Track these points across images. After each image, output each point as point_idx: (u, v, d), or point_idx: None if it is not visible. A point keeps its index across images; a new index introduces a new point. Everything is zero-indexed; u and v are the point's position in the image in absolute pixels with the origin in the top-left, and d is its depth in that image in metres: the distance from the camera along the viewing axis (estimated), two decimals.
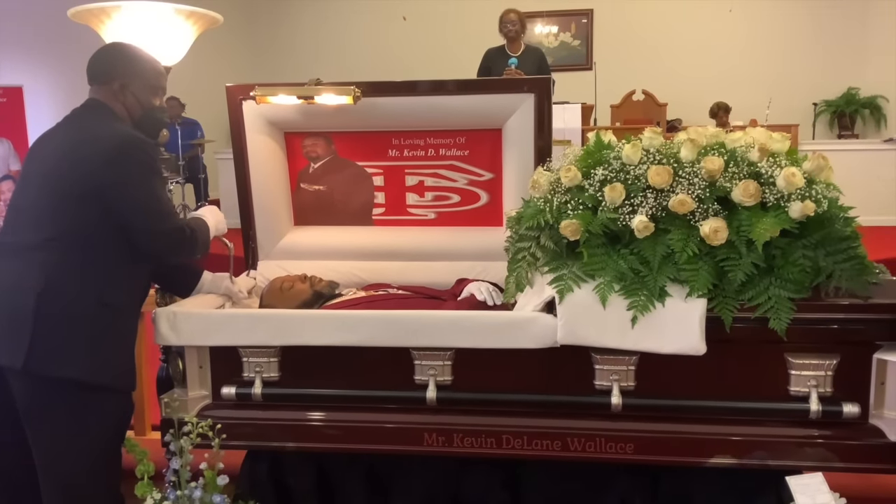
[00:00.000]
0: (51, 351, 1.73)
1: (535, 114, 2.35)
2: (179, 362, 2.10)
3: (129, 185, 1.81)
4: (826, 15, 8.36)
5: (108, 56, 1.99)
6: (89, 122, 1.89)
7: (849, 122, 8.25)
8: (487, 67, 5.43)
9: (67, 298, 1.76)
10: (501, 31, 5.42)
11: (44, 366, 1.73)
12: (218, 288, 2.24)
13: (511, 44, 5.42)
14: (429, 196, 2.63)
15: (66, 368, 1.75)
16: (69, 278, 1.77)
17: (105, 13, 2.68)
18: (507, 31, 5.38)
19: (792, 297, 1.77)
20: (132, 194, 1.82)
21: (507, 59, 5.19)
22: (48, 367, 1.73)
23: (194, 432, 1.87)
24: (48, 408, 1.76)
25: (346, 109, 2.38)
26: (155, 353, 2.29)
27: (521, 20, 5.40)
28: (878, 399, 1.87)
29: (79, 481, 1.80)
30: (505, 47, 5.46)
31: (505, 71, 5.04)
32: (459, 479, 2.14)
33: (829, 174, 1.86)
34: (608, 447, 1.92)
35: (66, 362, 1.75)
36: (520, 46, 5.42)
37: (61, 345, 1.74)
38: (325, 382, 2.05)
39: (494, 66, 5.30)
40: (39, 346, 1.72)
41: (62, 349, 1.74)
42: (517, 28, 5.36)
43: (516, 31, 5.37)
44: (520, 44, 5.42)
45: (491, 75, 5.20)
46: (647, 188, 1.84)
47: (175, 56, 2.80)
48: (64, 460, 1.79)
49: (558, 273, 1.89)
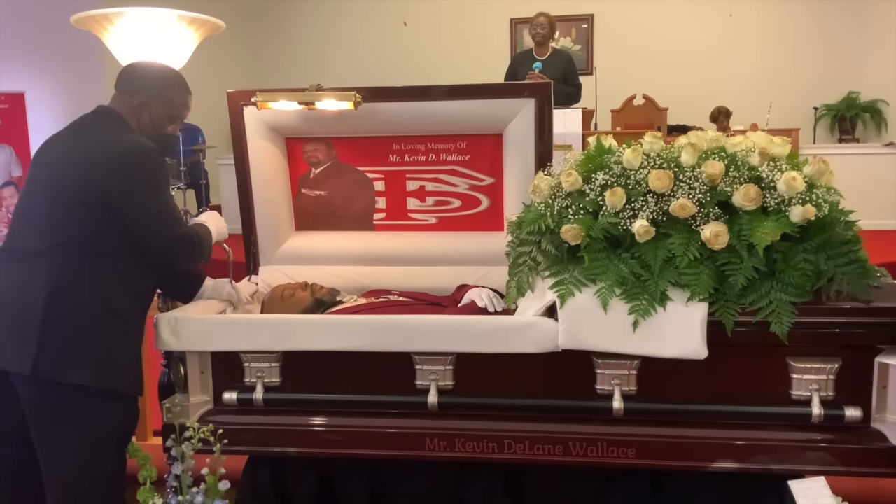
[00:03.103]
0: (58, 357, 1.73)
1: (536, 118, 2.35)
2: (181, 368, 2.10)
3: (136, 193, 1.82)
4: (826, 19, 8.36)
5: (143, 72, 2.00)
6: (98, 128, 1.89)
7: (849, 126, 8.24)
8: (514, 71, 5.45)
9: (74, 304, 1.76)
10: (531, 34, 5.43)
11: (51, 371, 1.73)
12: (220, 293, 2.24)
13: (538, 47, 5.44)
14: (430, 201, 2.64)
15: (73, 374, 1.75)
16: (76, 284, 1.77)
17: (108, 20, 2.69)
18: (535, 34, 5.40)
19: (793, 300, 1.77)
20: (140, 202, 1.82)
21: (532, 63, 5.19)
22: (56, 373, 1.73)
23: (196, 438, 1.87)
24: (56, 413, 1.77)
25: (346, 115, 2.39)
26: (156, 359, 2.29)
27: (551, 24, 5.41)
28: (880, 403, 1.86)
29: (85, 486, 1.80)
30: (532, 51, 5.48)
31: (528, 75, 5.03)
32: (461, 484, 2.14)
33: (830, 178, 1.87)
34: (610, 452, 1.92)
35: (74, 368, 1.75)
36: (547, 50, 5.43)
37: (69, 350, 1.74)
38: (326, 387, 2.05)
39: (520, 70, 5.30)
40: (47, 351, 1.72)
41: (70, 355, 1.74)
42: (546, 32, 5.37)
43: (544, 34, 5.38)
44: (547, 47, 5.44)
45: (517, 79, 5.20)
46: (647, 192, 1.84)
47: (177, 62, 2.81)
48: (71, 465, 1.79)
49: (559, 277, 1.89)
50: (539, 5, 5.71)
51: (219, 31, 2.91)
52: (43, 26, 6.45)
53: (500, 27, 8.63)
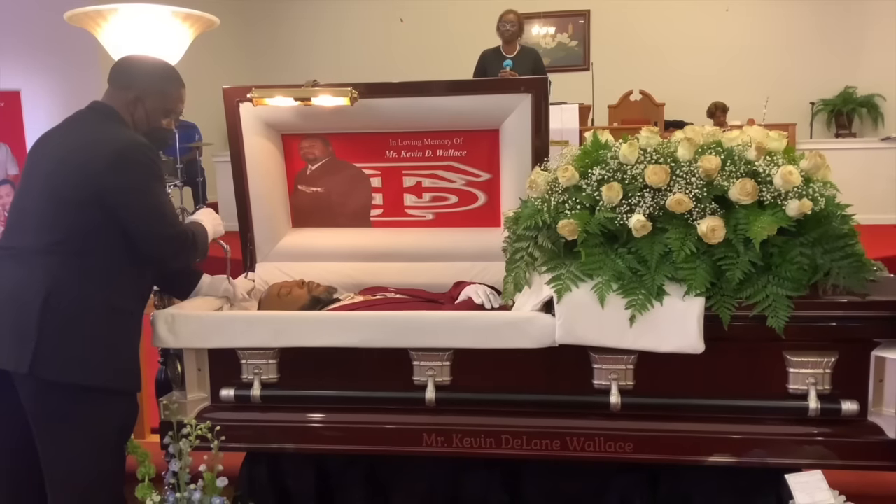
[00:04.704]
0: (57, 354, 1.73)
1: (533, 114, 2.35)
2: (178, 365, 2.10)
3: (132, 190, 1.81)
4: (823, 14, 8.36)
5: (138, 65, 1.99)
6: (93, 124, 1.88)
7: (846, 121, 8.25)
8: (483, 69, 5.43)
9: (73, 301, 1.76)
10: (499, 31, 5.41)
11: (51, 369, 1.73)
12: (216, 290, 2.23)
13: (507, 45, 5.42)
14: (426, 197, 2.63)
15: (73, 372, 1.75)
16: (74, 281, 1.77)
17: (102, 16, 2.68)
18: (504, 30, 5.38)
19: (790, 295, 1.77)
20: (136, 198, 1.82)
21: (502, 61, 5.19)
22: (55, 371, 1.73)
23: (193, 435, 1.87)
24: (56, 411, 1.76)
25: (343, 111, 2.38)
26: (153, 356, 2.29)
27: (520, 21, 5.40)
28: (877, 396, 1.87)
29: (86, 483, 1.80)
30: (500, 48, 5.46)
31: (500, 73, 5.04)
32: (459, 480, 2.14)
33: (827, 172, 1.87)
34: (607, 446, 1.92)
35: (73, 365, 1.74)
36: (515, 48, 5.42)
37: (68, 348, 1.74)
38: (323, 384, 2.05)
39: (490, 68, 5.31)
40: (46, 350, 1.72)
41: (69, 352, 1.74)
42: (514, 29, 5.37)
43: (513, 32, 5.37)
44: (515, 45, 5.43)
45: (486, 76, 5.20)
46: (644, 187, 1.84)
47: (172, 58, 2.80)
48: (71, 463, 1.79)
49: (556, 273, 1.89)
50: (535, 1, 5.71)
51: (213, 27, 2.90)
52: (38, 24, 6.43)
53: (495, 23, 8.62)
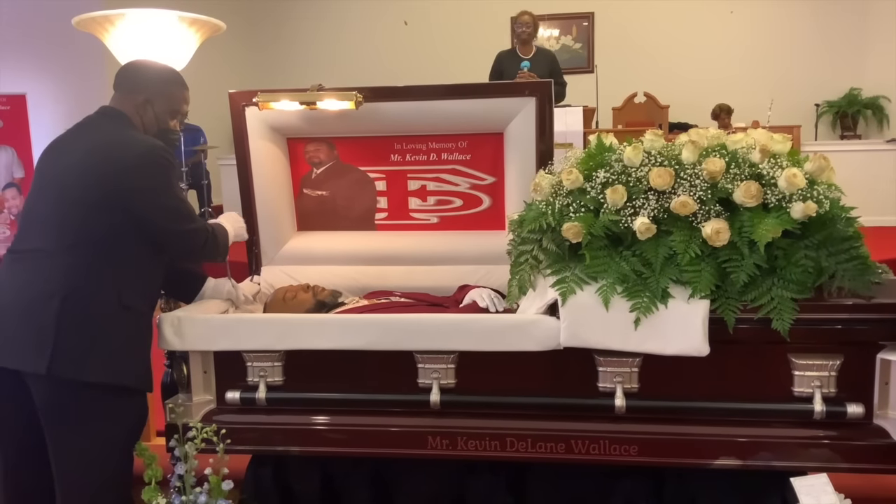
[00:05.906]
0: (74, 355, 1.75)
1: (537, 117, 2.36)
2: (184, 367, 2.11)
3: (156, 190, 1.87)
4: (827, 15, 8.34)
5: (143, 70, 2.04)
6: (107, 129, 1.91)
7: (851, 123, 8.22)
8: (499, 70, 5.41)
9: (90, 303, 1.79)
10: (514, 33, 5.40)
11: (67, 370, 1.75)
12: (220, 293, 2.25)
13: (522, 46, 5.42)
14: (431, 200, 2.64)
15: (89, 371, 1.77)
16: (91, 282, 1.79)
17: (109, 21, 2.70)
18: (520, 32, 5.38)
19: (795, 297, 1.77)
20: (160, 198, 1.87)
21: (519, 62, 5.17)
22: (72, 371, 1.75)
23: (199, 437, 1.87)
24: (71, 411, 1.78)
25: (348, 115, 2.39)
26: (159, 359, 2.30)
27: (535, 22, 5.40)
28: (882, 399, 1.86)
29: (97, 483, 1.82)
30: (516, 50, 5.45)
31: (518, 74, 5.01)
32: (464, 483, 2.15)
33: (831, 175, 1.86)
34: (612, 449, 1.92)
35: (90, 365, 1.77)
36: (531, 49, 5.41)
37: (84, 348, 1.77)
38: (328, 386, 2.05)
39: (506, 69, 5.29)
40: (63, 350, 1.74)
41: (85, 353, 1.77)
42: (530, 31, 5.36)
43: (529, 33, 5.36)
44: (531, 46, 5.42)
45: (503, 78, 5.18)
46: (648, 190, 1.85)
47: (178, 63, 2.82)
48: (82, 463, 1.80)
49: (561, 275, 1.89)
50: (539, 4, 5.71)
51: (219, 31, 2.92)
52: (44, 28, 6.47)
53: (500, 26, 8.63)
